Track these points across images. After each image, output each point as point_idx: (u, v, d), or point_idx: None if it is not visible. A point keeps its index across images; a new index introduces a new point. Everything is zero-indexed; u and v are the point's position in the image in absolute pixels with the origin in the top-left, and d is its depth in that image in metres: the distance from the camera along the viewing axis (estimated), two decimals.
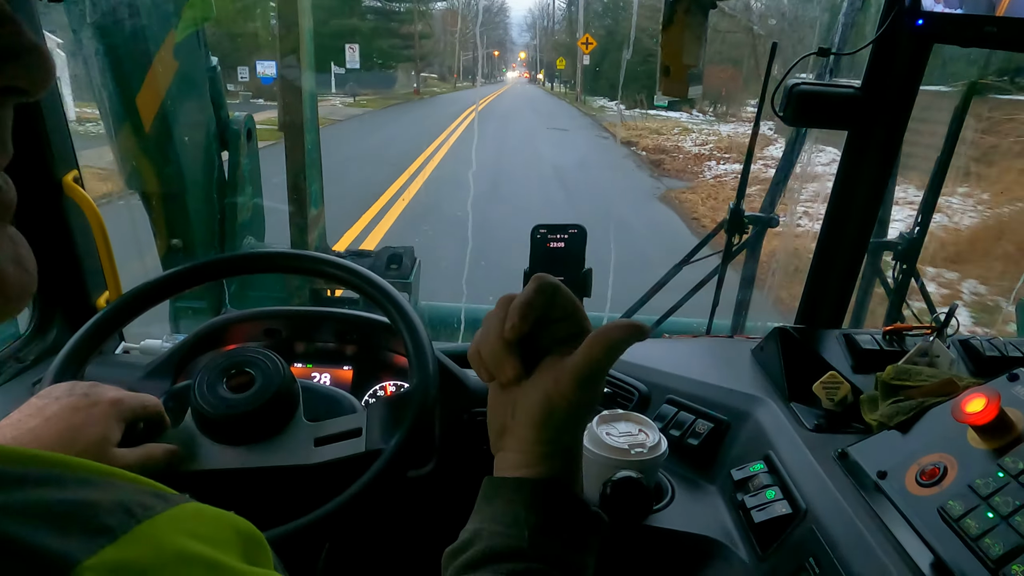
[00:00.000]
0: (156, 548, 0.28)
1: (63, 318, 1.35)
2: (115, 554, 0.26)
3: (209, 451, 0.85)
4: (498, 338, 0.57)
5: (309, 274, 1.04)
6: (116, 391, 0.79)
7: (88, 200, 1.26)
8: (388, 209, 8.02)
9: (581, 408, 0.57)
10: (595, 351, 0.55)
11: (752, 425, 1.00)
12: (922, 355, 1.01)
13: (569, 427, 0.58)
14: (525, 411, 0.57)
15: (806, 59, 1.20)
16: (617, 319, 0.58)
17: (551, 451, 0.57)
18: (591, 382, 0.56)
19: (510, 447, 0.58)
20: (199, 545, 0.30)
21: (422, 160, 11.76)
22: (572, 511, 0.56)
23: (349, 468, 0.84)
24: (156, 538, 0.28)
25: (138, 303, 0.99)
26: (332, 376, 1.21)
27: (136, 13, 1.71)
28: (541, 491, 0.55)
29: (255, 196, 2.38)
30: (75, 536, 0.26)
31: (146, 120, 1.84)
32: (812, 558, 0.76)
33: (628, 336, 0.55)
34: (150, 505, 0.30)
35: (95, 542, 0.26)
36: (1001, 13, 0.90)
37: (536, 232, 1.27)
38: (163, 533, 0.29)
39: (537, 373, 0.58)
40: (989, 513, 0.67)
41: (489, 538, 0.53)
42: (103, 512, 0.28)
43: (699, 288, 1.93)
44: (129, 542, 0.27)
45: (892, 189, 1.90)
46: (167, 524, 0.29)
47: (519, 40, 75.31)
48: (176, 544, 0.29)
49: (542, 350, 0.59)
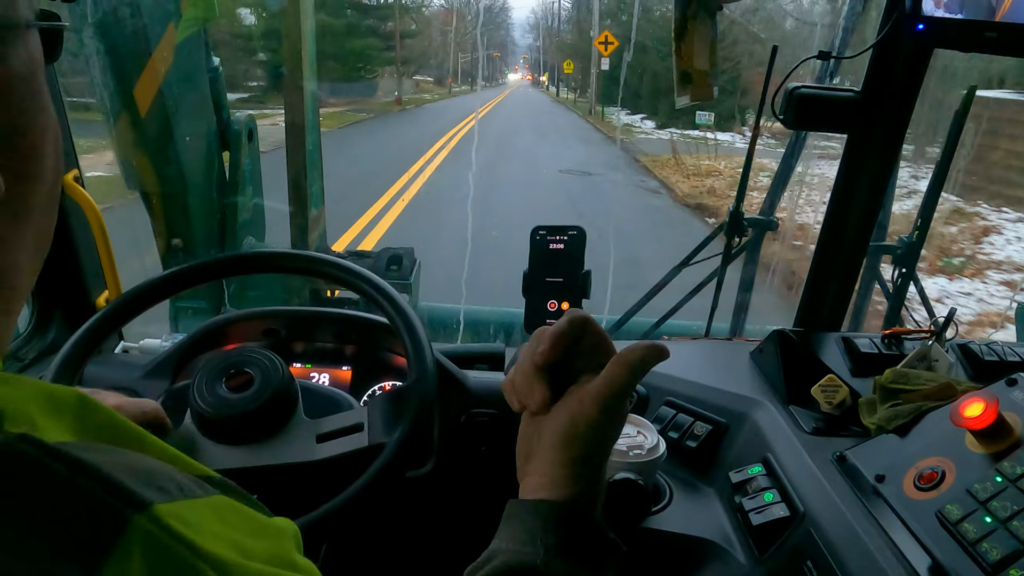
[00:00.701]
0: (199, 518, 0.31)
1: (62, 317, 1.35)
2: (171, 510, 0.30)
3: (210, 452, 0.85)
4: (530, 365, 0.60)
5: (309, 274, 1.04)
6: (116, 398, 0.79)
7: (88, 199, 1.26)
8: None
9: (605, 430, 0.59)
10: (616, 373, 0.57)
11: (750, 428, 1.01)
12: (921, 359, 1.01)
13: (593, 450, 0.59)
14: (550, 434, 0.59)
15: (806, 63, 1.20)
16: (638, 341, 0.60)
17: (573, 474, 0.58)
18: (614, 404, 0.58)
19: (534, 471, 0.60)
20: (227, 529, 0.32)
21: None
22: (589, 535, 0.57)
23: (353, 463, 0.84)
24: (198, 512, 0.32)
25: (138, 302, 0.99)
26: (331, 376, 1.21)
27: (137, 12, 1.71)
28: (559, 512, 0.56)
29: (256, 196, 2.38)
30: (146, 485, 0.30)
31: (147, 120, 1.84)
32: (810, 561, 0.76)
33: (649, 356, 0.58)
34: (192, 488, 0.33)
35: (161, 495, 0.30)
36: (1001, 18, 0.90)
37: (536, 233, 1.27)
38: (201, 511, 0.32)
39: (563, 399, 0.60)
40: (987, 518, 0.67)
41: (506, 555, 0.54)
42: (159, 478, 0.32)
43: (698, 290, 1.93)
44: (180, 506, 0.31)
45: (892, 193, 1.90)
46: (204, 507, 0.33)
47: (521, 42, 73.25)
48: (211, 526, 0.32)
49: (571, 381, 0.61)
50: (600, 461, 0.60)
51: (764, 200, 2.00)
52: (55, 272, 1.31)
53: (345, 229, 6.76)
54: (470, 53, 46.87)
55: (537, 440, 0.60)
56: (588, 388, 0.58)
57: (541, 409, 0.60)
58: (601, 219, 7.87)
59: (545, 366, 0.59)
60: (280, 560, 0.34)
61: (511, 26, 69.67)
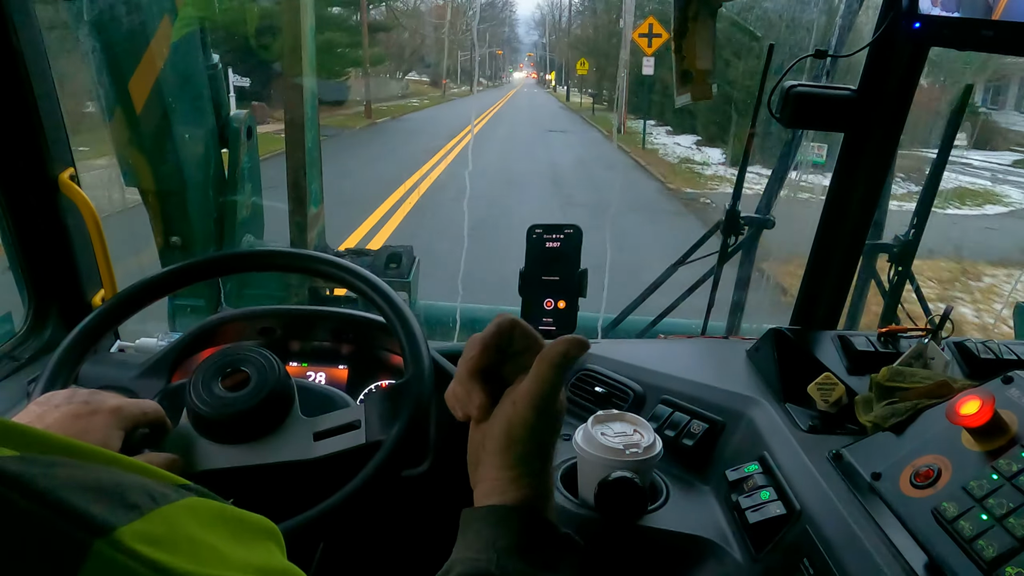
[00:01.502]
0: (172, 529, 0.30)
1: (58, 316, 1.34)
2: (143, 527, 0.28)
3: (207, 451, 0.85)
4: (464, 372, 0.62)
5: (306, 273, 1.04)
6: (116, 398, 0.79)
7: (84, 197, 1.26)
8: None
9: (541, 429, 0.60)
10: (542, 371, 0.59)
11: (747, 426, 1.01)
12: (917, 357, 1.01)
13: (533, 450, 0.60)
14: (491, 439, 0.60)
15: (802, 61, 1.20)
16: (561, 336, 0.61)
17: (518, 475, 0.59)
18: (544, 402, 0.59)
19: (483, 478, 0.61)
20: (205, 532, 0.32)
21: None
22: (541, 533, 0.58)
23: (350, 461, 0.84)
24: (172, 520, 0.31)
25: (134, 301, 0.99)
26: (327, 375, 1.21)
27: (134, 10, 1.71)
28: (508, 516, 0.57)
29: (254, 194, 2.38)
30: (111, 506, 0.28)
31: (143, 117, 1.84)
32: (806, 559, 0.76)
33: (571, 350, 0.59)
34: (167, 493, 0.32)
35: (128, 514, 0.29)
36: (998, 16, 0.90)
37: (532, 232, 1.27)
38: (176, 517, 0.31)
39: (500, 403, 0.61)
40: (983, 515, 0.67)
41: (462, 564, 0.55)
42: (129, 492, 0.30)
43: (695, 289, 1.94)
44: (152, 520, 0.30)
45: (888, 191, 1.90)
46: (181, 511, 0.32)
47: (527, 39, 71.14)
48: (187, 530, 0.31)
49: (509, 384, 0.62)
50: (543, 459, 0.61)
51: (760, 199, 2.00)
52: (51, 271, 1.31)
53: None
54: (471, 51, 43.60)
55: (483, 447, 0.62)
56: (519, 389, 0.59)
57: (482, 415, 0.61)
58: None
59: (476, 372, 0.61)
60: (269, 569, 0.34)
61: (516, 22, 67.56)
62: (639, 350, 1.27)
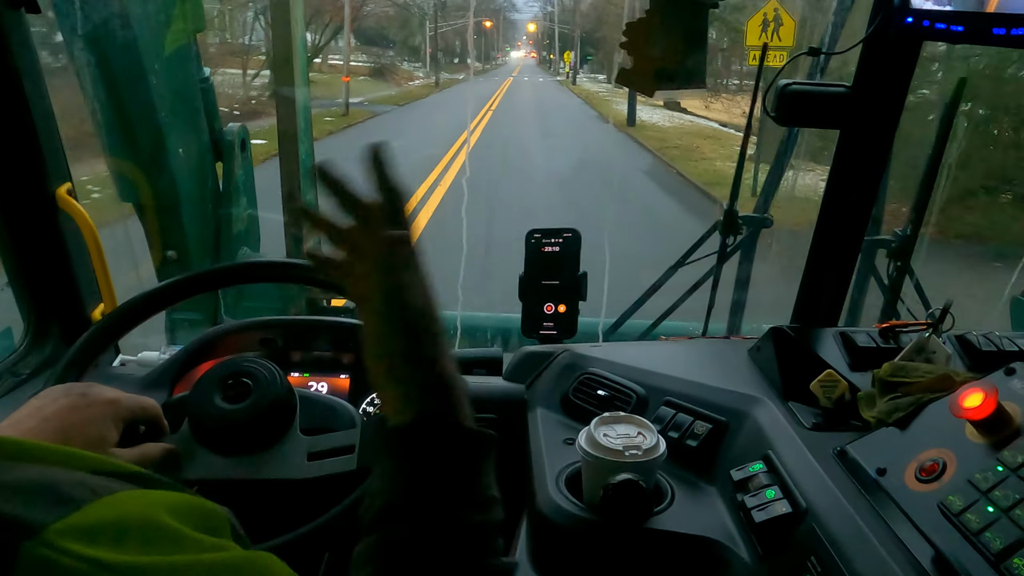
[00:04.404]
0: (122, 513, 0.30)
1: (59, 331, 1.34)
2: (82, 519, 0.28)
3: (203, 460, 0.85)
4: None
5: (304, 283, 1.04)
6: (113, 392, 0.79)
7: (82, 212, 1.26)
8: None
9: (391, 335, 0.63)
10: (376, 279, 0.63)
11: (750, 425, 1.00)
12: (918, 351, 1.01)
13: (398, 362, 0.62)
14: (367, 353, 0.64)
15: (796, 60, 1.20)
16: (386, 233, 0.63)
17: (403, 393, 0.61)
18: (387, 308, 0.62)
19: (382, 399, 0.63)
20: (163, 515, 0.31)
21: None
22: (444, 439, 0.58)
23: (340, 484, 0.84)
24: (122, 506, 0.31)
25: (133, 315, 0.99)
26: (329, 385, 1.21)
27: (127, 25, 1.71)
28: (398, 439, 0.58)
29: (250, 206, 2.37)
30: (40, 506, 0.28)
31: (139, 132, 1.84)
32: (814, 557, 0.76)
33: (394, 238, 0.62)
34: (111, 487, 0.32)
35: (59, 511, 0.28)
36: (991, 10, 0.90)
37: (531, 236, 1.27)
38: (127, 504, 0.31)
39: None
40: (989, 507, 0.67)
41: (370, 500, 0.57)
42: (65, 487, 0.30)
43: (694, 290, 1.94)
44: (95, 509, 0.29)
45: (885, 187, 1.91)
46: (131, 497, 0.32)
47: (526, 11, 58.45)
48: (141, 512, 0.31)
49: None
50: (416, 362, 0.63)
51: (758, 198, 2.00)
52: (51, 286, 1.30)
53: None
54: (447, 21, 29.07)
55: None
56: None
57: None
58: None
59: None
60: (225, 557, 0.33)
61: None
62: (640, 353, 1.27)
